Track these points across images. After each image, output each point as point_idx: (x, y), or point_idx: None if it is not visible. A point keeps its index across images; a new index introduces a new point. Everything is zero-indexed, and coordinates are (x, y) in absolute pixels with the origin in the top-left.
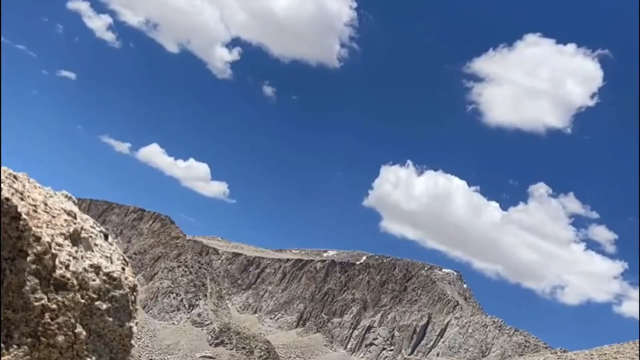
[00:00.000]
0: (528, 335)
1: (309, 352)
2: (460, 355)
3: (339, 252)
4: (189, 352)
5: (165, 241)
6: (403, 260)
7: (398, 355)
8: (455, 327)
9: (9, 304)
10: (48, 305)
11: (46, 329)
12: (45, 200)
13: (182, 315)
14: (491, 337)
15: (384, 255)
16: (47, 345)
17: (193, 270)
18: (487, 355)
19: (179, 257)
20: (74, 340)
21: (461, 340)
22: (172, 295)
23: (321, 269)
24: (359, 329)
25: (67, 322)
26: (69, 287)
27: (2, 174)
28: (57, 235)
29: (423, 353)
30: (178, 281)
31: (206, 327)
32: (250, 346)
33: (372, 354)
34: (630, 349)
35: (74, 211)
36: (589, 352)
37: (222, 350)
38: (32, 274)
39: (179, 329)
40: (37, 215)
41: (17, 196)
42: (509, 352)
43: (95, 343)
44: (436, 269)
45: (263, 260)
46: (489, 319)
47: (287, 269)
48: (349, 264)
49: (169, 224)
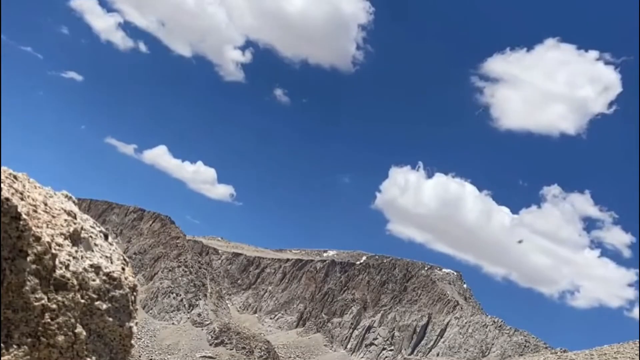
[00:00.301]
0: (528, 335)
1: (309, 352)
2: (460, 355)
3: (339, 252)
4: (189, 352)
5: (165, 241)
6: (403, 260)
7: (398, 355)
8: (455, 327)
9: (9, 304)
10: (48, 305)
11: (46, 329)
12: (45, 200)
13: (182, 315)
14: (491, 337)
15: (384, 255)
16: (47, 345)
17: (193, 270)
18: (487, 355)
19: (179, 257)
20: (74, 340)
21: (461, 340)
22: (172, 295)
23: (321, 269)
24: (359, 329)
25: (67, 322)
26: (69, 287)
27: (2, 174)
28: (57, 235)
29: (423, 353)
30: (178, 281)
31: (206, 327)
32: (250, 346)
33: (372, 354)
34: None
35: (74, 211)
36: (589, 352)
37: (222, 350)
38: (32, 274)
39: (179, 329)
40: (37, 215)
41: (17, 196)
42: (509, 352)
43: (95, 343)
44: (436, 269)
45: (263, 260)
46: (489, 319)
47: (287, 269)
48: (349, 264)
49: (169, 224)
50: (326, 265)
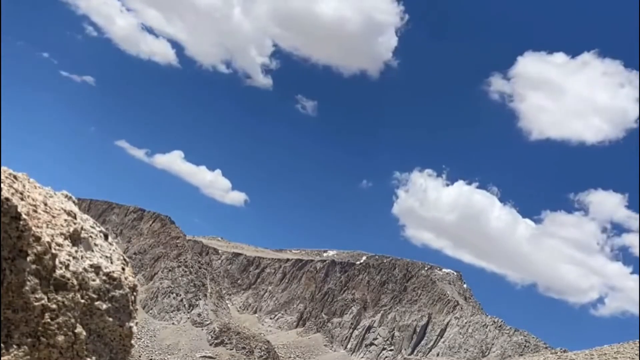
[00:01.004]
0: (528, 335)
1: (309, 352)
2: (460, 355)
3: (339, 252)
4: (189, 352)
5: (165, 241)
6: (403, 260)
7: (398, 355)
8: (455, 327)
9: (9, 304)
10: (48, 305)
11: (46, 329)
12: (45, 200)
13: (182, 315)
14: (491, 337)
15: (384, 255)
16: (47, 345)
17: (193, 270)
18: (487, 355)
19: (179, 257)
20: (74, 340)
21: (461, 340)
22: (172, 295)
23: (321, 269)
24: (359, 329)
25: (67, 322)
26: (69, 287)
27: (2, 174)
28: (57, 235)
29: (423, 353)
30: (178, 281)
31: (206, 327)
32: (250, 346)
33: (372, 354)
34: (630, 349)
35: (74, 211)
36: (589, 352)
37: (222, 350)
38: (32, 274)
39: (179, 329)
40: (37, 215)
41: (17, 196)
42: (509, 352)
43: (95, 343)
44: (436, 269)
45: (263, 260)
46: (489, 319)
47: (287, 269)
48: (349, 264)
49: (169, 224)
50: (326, 265)
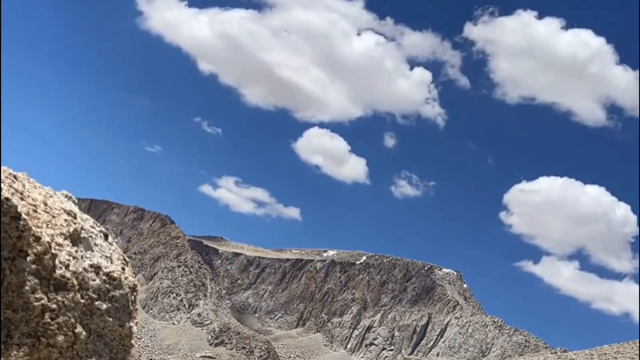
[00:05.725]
0: (528, 335)
1: (309, 352)
2: (460, 355)
3: (338, 252)
4: (189, 352)
5: (165, 241)
6: (403, 260)
7: (398, 355)
8: (455, 327)
9: (9, 304)
10: (48, 305)
11: (46, 329)
12: (45, 200)
13: (182, 315)
14: (491, 337)
15: (384, 255)
16: (47, 345)
17: (193, 270)
18: (487, 355)
19: (179, 257)
20: (74, 340)
21: (461, 340)
22: (172, 295)
23: (321, 269)
24: (359, 329)
25: (67, 322)
26: (69, 287)
27: (2, 174)
28: (57, 235)
29: (423, 353)
30: (178, 281)
31: (206, 327)
32: (250, 346)
33: (372, 354)
34: (630, 349)
35: (74, 211)
36: (589, 351)
37: (222, 350)
38: (32, 274)
39: (179, 329)
40: (37, 215)
41: (17, 196)
42: (509, 352)
43: (95, 343)
44: (436, 269)
45: (263, 260)
46: (489, 319)
47: (287, 269)
48: (349, 264)
49: (169, 223)
50: (326, 265)
